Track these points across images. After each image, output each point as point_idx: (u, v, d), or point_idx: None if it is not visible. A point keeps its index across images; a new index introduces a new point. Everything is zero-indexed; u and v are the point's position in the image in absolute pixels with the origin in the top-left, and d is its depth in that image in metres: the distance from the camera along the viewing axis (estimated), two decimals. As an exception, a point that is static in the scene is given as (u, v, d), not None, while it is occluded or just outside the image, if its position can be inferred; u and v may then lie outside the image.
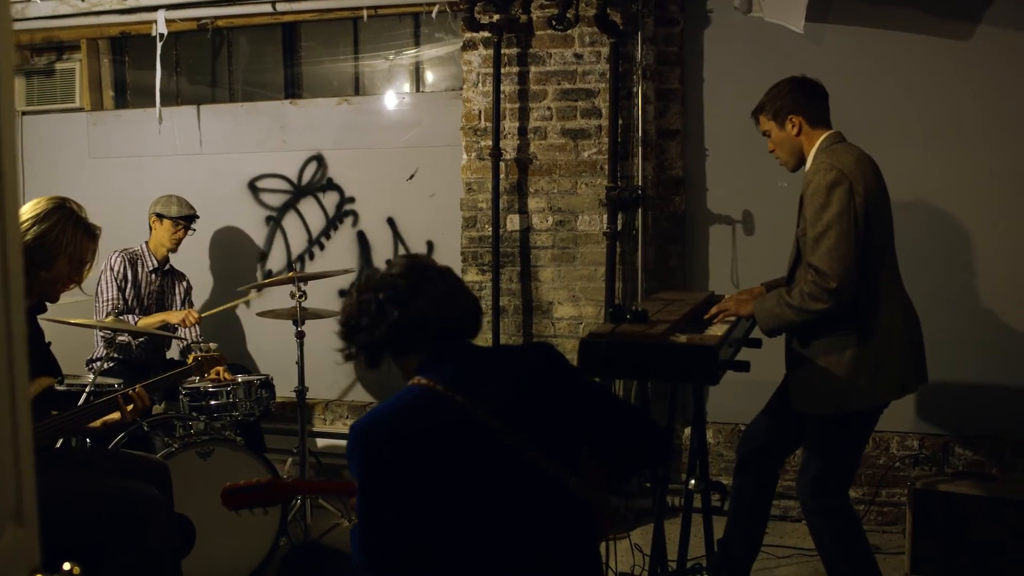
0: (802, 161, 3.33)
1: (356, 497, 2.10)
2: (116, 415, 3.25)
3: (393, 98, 5.42)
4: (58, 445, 3.63)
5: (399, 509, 2.06)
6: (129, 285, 4.83)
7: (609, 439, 2.39)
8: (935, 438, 4.51)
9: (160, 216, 4.93)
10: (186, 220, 4.97)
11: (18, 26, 5.69)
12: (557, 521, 2.19)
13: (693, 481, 3.47)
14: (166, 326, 4.76)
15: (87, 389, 3.77)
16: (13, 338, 1.27)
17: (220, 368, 4.42)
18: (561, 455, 2.20)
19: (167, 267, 5.02)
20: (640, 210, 4.70)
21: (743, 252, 4.75)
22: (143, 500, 3.06)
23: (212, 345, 4.06)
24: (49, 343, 3.23)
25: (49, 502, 2.84)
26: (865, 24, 4.49)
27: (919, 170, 4.45)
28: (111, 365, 4.70)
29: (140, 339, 4.79)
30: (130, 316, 4.76)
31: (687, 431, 4.60)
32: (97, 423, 3.25)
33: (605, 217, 4.69)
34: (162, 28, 5.36)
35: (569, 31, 4.68)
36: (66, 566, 1.36)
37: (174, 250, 4.99)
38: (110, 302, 4.74)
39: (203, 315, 4.89)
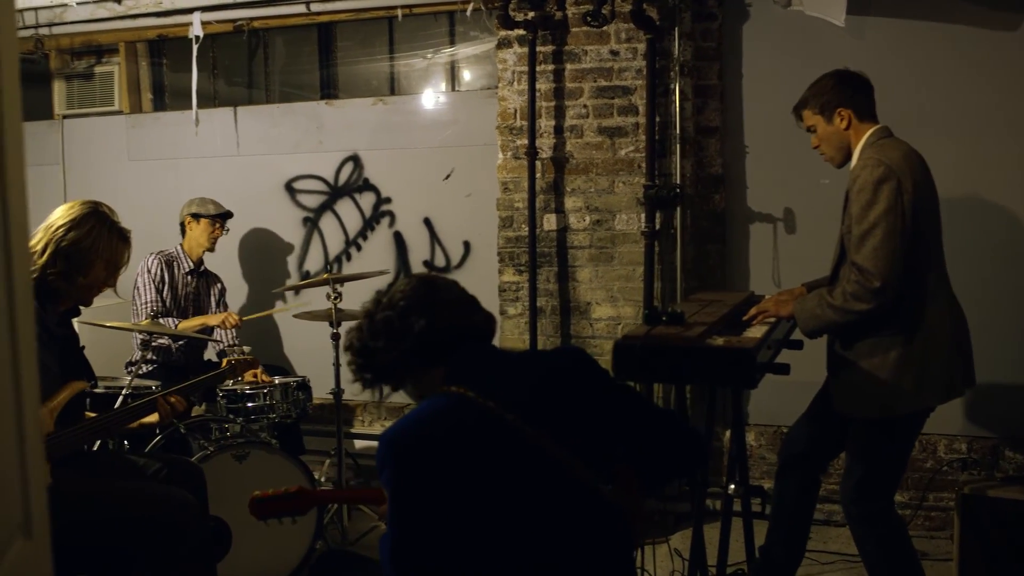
0: (848, 157, 3.24)
1: (387, 506, 2.07)
2: (152, 417, 3.26)
3: (429, 97, 5.39)
4: (95, 448, 3.65)
5: (431, 518, 2.02)
6: (166, 287, 4.85)
7: (642, 445, 2.33)
8: (984, 441, 4.40)
9: (196, 216, 4.95)
10: (223, 218, 5.00)
11: (57, 30, 5.73)
12: (590, 529, 2.14)
13: (733, 486, 3.40)
14: (205, 329, 4.77)
15: (124, 391, 3.77)
16: (19, 345, 1.24)
17: (256, 371, 4.44)
18: (594, 460, 2.16)
19: (202, 269, 5.03)
20: (679, 209, 4.62)
21: (784, 251, 4.66)
22: (177, 505, 3.05)
23: (246, 348, 4.06)
24: (83, 347, 3.24)
25: (82, 506, 2.86)
26: (908, 16, 4.38)
27: (966, 165, 4.34)
28: (150, 368, 4.72)
29: (179, 342, 4.80)
30: (169, 319, 4.78)
31: (728, 434, 4.51)
32: (133, 425, 3.26)
33: (643, 216, 4.62)
34: (198, 30, 5.37)
35: (605, 28, 4.61)
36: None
37: (211, 249, 5.00)
38: (148, 304, 4.76)
39: (245, 318, 4.90)
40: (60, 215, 3.04)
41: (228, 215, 5.03)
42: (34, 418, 1.33)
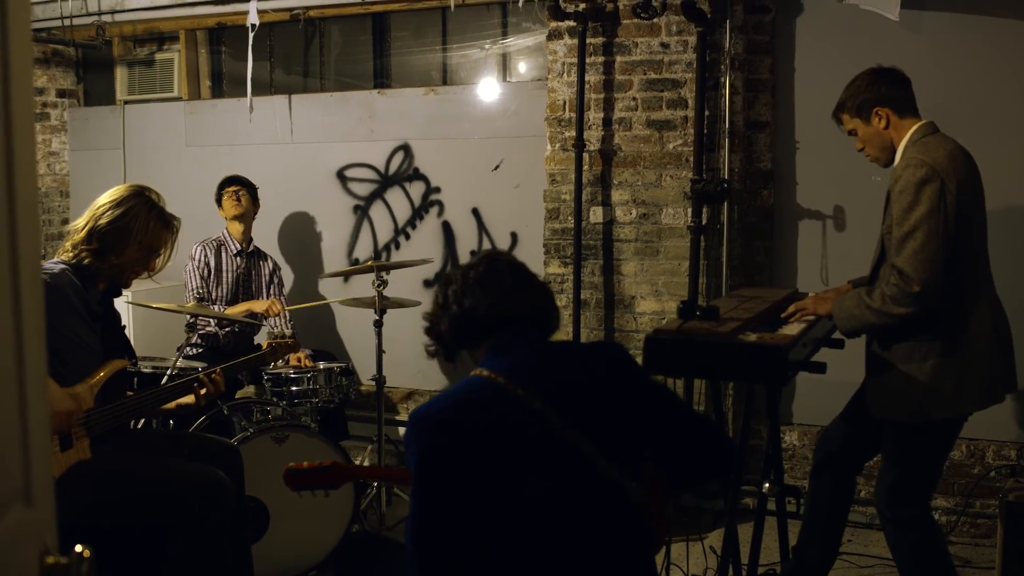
0: (893, 155, 3.16)
1: (412, 488, 2.10)
2: (189, 398, 3.32)
3: (480, 88, 5.40)
4: (139, 426, 3.73)
5: (452, 499, 2.04)
6: (212, 274, 4.93)
7: (672, 447, 2.32)
8: (1035, 448, 4.29)
9: (218, 199, 5.04)
10: (234, 183, 5.05)
11: (119, 17, 5.85)
12: (611, 524, 2.13)
13: (767, 484, 3.37)
14: (251, 315, 4.84)
15: (168, 372, 3.85)
16: (22, 315, 1.28)
17: (301, 355, 4.50)
18: (621, 457, 2.15)
19: (251, 249, 5.10)
20: (726, 204, 4.57)
21: (833, 249, 4.59)
22: (208, 483, 3.11)
23: (288, 331, 4.11)
24: (124, 326, 3.31)
25: (118, 482, 2.93)
26: (964, 10, 4.28)
27: (1022, 164, 4.22)
28: (197, 351, 4.80)
29: (226, 329, 4.88)
30: (214, 307, 4.86)
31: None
32: (171, 405, 3.32)
33: (690, 210, 4.58)
34: (254, 19, 5.44)
35: (655, 20, 4.58)
36: (78, 548, 1.36)
37: (242, 218, 5.04)
38: (194, 290, 4.85)
39: (289, 308, 4.96)
40: (105, 196, 3.11)
41: (237, 180, 5.07)
42: (39, 388, 1.37)
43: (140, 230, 3.05)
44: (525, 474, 2.07)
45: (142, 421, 3.75)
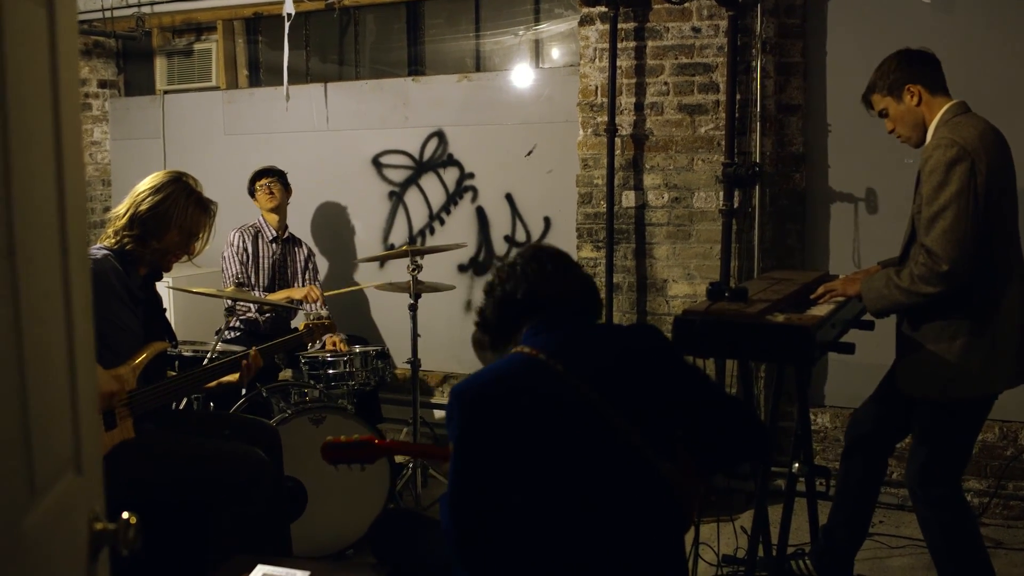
0: (925, 134, 3.16)
1: (450, 461, 2.15)
2: (232, 377, 3.41)
3: (513, 74, 5.44)
4: (182, 406, 3.83)
5: (490, 472, 2.10)
6: (249, 259, 5.02)
7: (706, 430, 2.36)
8: (1068, 430, 4.28)
9: (251, 192, 5.12)
10: (267, 174, 5.12)
11: (158, 8, 5.96)
12: (643, 502, 2.18)
13: (797, 464, 3.40)
14: (290, 301, 4.93)
15: (209, 355, 3.94)
16: (72, 291, 1.35)
17: (336, 339, 4.58)
18: (655, 437, 2.20)
19: (286, 235, 5.19)
20: (758, 187, 4.59)
21: (865, 231, 4.59)
22: (249, 463, 3.19)
23: (323, 312, 4.19)
24: (165, 310, 3.40)
25: (160, 460, 3.02)
26: (997, -9, 4.26)
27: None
28: (236, 335, 4.90)
29: (266, 315, 4.97)
30: (254, 292, 4.95)
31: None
32: (212, 384, 3.42)
33: (722, 194, 4.60)
34: (290, 8, 5.52)
35: (686, 4, 4.60)
36: (124, 515, 1.43)
37: (277, 210, 5.13)
38: (233, 276, 4.95)
39: (325, 294, 5.04)
40: (145, 182, 3.19)
41: (270, 171, 5.14)
42: (88, 363, 1.44)
43: (180, 215, 3.13)
44: (562, 449, 2.12)
45: (183, 402, 3.85)
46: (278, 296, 4.96)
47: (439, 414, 5.54)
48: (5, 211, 1.12)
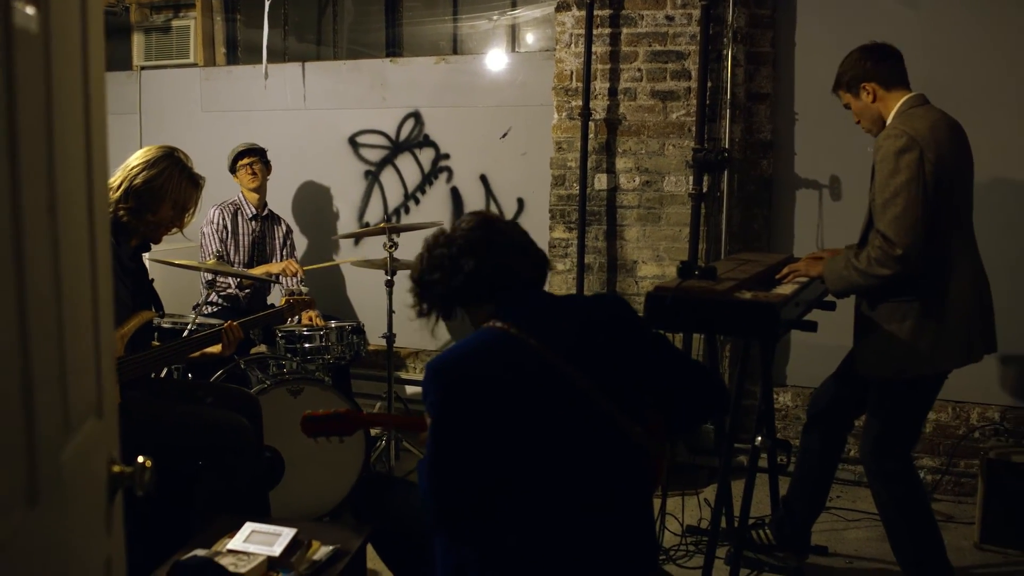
0: (884, 126, 3.32)
1: (428, 432, 2.25)
2: (215, 348, 3.50)
3: (489, 58, 5.54)
4: (163, 375, 3.91)
5: (468, 444, 2.17)
6: (229, 235, 5.09)
7: (671, 390, 2.46)
8: (1018, 411, 4.46)
9: (232, 170, 5.19)
10: (250, 154, 5.19)
11: (138, -16, 5.99)
12: (615, 464, 2.27)
13: (759, 439, 3.55)
14: (268, 275, 5.01)
15: (189, 327, 4.03)
16: (96, 250, 1.45)
17: (312, 313, 4.67)
18: (625, 403, 2.29)
19: (265, 212, 5.26)
20: (726, 172, 4.73)
21: (829, 217, 4.75)
22: (233, 429, 3.29)
23: (303, 289, 4.27)
24: (152, 280, 3.48)
25: (146, 427, 3.11)
26: (960, -13, 4.42)
27: (1017, 137, 4.37)
28: (215, 308, 4.98)
29: (246, 290, 5.05)
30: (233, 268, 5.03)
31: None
32: (196, 355, 3.51)
33: (691, 179, 4.74)
34: (271, -13, 5.58)
35: (661, -7, 4.72)
36: (139, 459, 1.54)
37: (259, 189, 5.20)
38: (213, 252, 5.02)
39: (304, 269, 5.12)
40: (137, 157, 3.27)
41: (254, 150, 5.21)
42: (107, 315, 1.54)
43: (174, 189, 3.22)
44: (537, 419, 2.20)
45: (164, 371, 3.93)
46: (257, 271, 5.03)
47: (411, 389, 5.64)
48: (47, 171, 1.22)
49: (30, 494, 1.13)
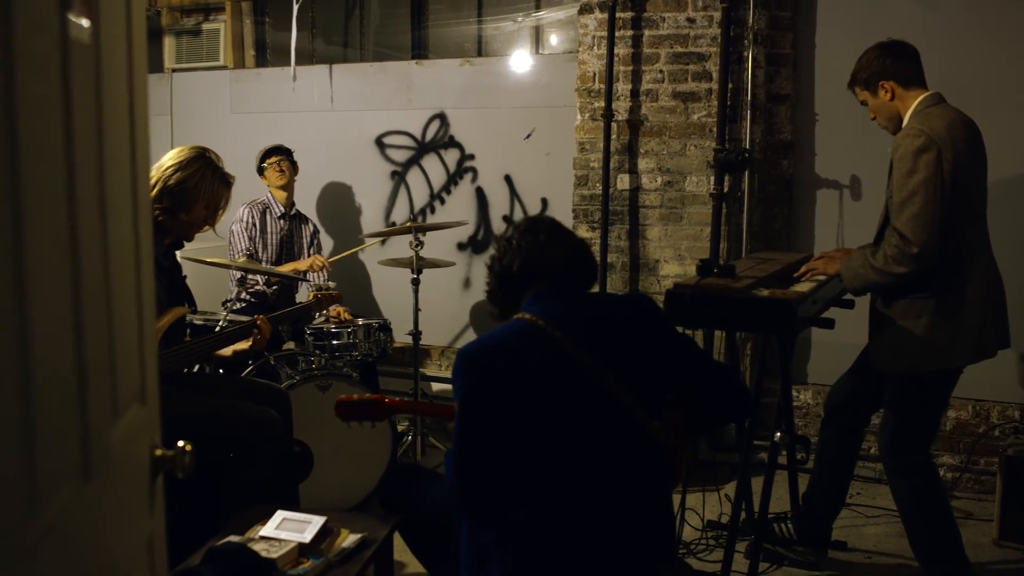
0: (901, 124, 3.36)
1: (454, 419, 2.34)
2: (245, 344, 3.60)
3: (513, 60, 5.62)
4: (194, 370, 4.01)
5: (491, 428, 2.26)
6: (258, 233, 5.20)
7: (694, 391, 2.53)
8: (1038, 409, 4.50)
9: (260, 170, 5.29)
10: (276, 152, 5.28)
11: (169, -12, 6.11)
12: (635, 459, 2.35)
13: (778, 434, 3.62)
14: (296, 272, 5.11)
15: (220, 324, 4.13)
16: (140, 245, 1.54)
17: (341, 309, 4.77)
18: (645, 398, 2.37)
19: (293, 212, 5.36)
20: (747, 173, 4.79)
21: (849, 216, 4.80)
22: (264, 423, 3.39)
23: (331, 284, 4.37)
24: (185, 276, 3.58)
25: (179, 420, 3.20)
26: (980, -12, 4.46)
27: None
28: (244, 305, 5.09)
29: (274, 287, 5.15)
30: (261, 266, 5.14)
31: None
32: (227, 351, 3.60)
33: (712, 179, 4.80)
34: (299, -9, 5.69)
35: (682, -5, 4.79)
36: (180, 443, 1.62)
37: (287, 187, 5.29)
38: (243, 250, 5.13)
39: (332, 259, 5.21)
40: (170, 157, 3.37)
41: (279, 149, 5.31)
42: (150, 304, 1.63)
43: (207, 189, 3.32)
44: (557, 409, 2.29)
45: (196, 367, 4.03)
46: (285, 268, 5.14)
47: (437, 386, 5.73)
48: (98, 172, 1.31)
49: (84, 470, 1.22)
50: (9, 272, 0.97)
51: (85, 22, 1.24)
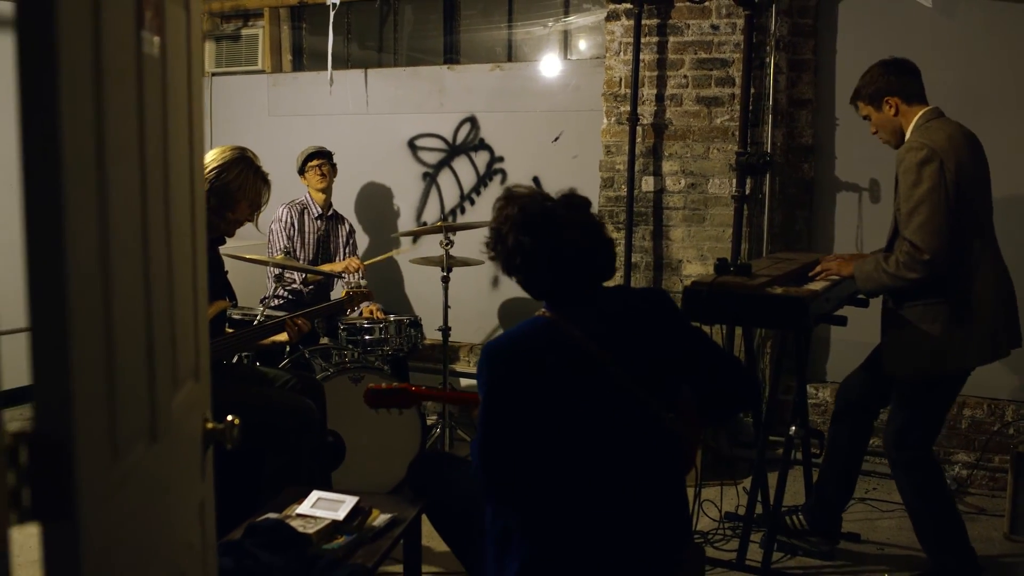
0: (903, 138, 3.50)
1: (479, 409, 2.48)
2: (283, 336, 3.78)
3: (542, 64, 5.77)
4: (234, 361, 4.20)
5: (513, 420, 2.39)
6: (296, 232, 5.38)
7: (706, 382, 2.66)
8: (1053, 408, 4.60)
9: (301, 171, 5.46)
10: (319, 156, 5.45)
11: (209, -5, 6.33)
12: (649, 449, 2.48)
13: (794, 428, 3.76)
14: (331, 271, 5.29)
15: (258, 318, 4.31)
16: (196, 235, 1.71)
17: (373, 307, 4.95)
18: (659, 390, 2.50)
19: (331, 212, 5.54)
20: (768, 176, 4.92)
21: (868, 219, 4.91)
22: (300, 410, 3.56)
23: (363, 282, 4.54)
24: (226, 271, 3.77)
25: (220, 409, 3.37)
26: (997, -2, 4.57)
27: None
28: (281, 302, 5.27)
29: (311, 286, 5.33)
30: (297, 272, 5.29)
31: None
32: (266, 342, 3.79)
33: (734, 181, 4.94)
34: (335, -2, 5.89)
35: (706, 3, 4.93)
36: (229, 417, 1.79)
37: (326, 190, 5.46)
38: (281, 248, 5.31)
39: (366, 263, 5.39)
40: (213, 158, 3.55)
41: (322, 153, 5.47)
42: (203, 289, 1.80)
43: (249, 188, 3.50)
44: (575, 402, 2.42)
45: (235, 358, 4.22)
46: (321, 269, 5.31)
47: (465, 381, 5.89)
48: (163, 169, 1.48)
49: (152, 433, 1.40)
50: (98, 258, 1.14)
51: (155, 38, 1.41)
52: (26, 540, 1.10)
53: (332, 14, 5.96)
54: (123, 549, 1.24)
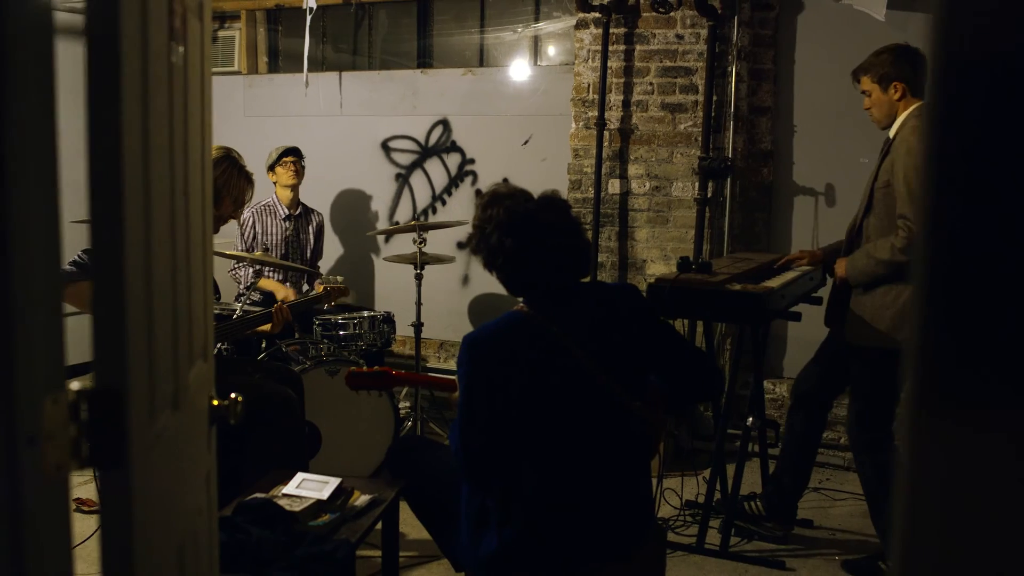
0: (892, 122, 3.64)
1: (458, 395, 2.63)
2: (267, 326, 3.93)
3: (513, 70, 5.96)
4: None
5: (490, 407, 2.54)
6: (259, 235, 5.44)
7: (672, 372, 2.81)
8: None
9: (271, 167, 5.51)
10: (292, 154, 5.51)
11: (189, -2, 6.43)
12: (618, 435, 2.65)
13: (751, 419, 3.96)
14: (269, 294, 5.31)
15: (236, 313, 4.45)
16: (206, 224, 1.87)
17: (346, 300, 5.09)
18: (628, 380, 2.66)
19: (298, 211, 5.60)
20: (729, 180, 5.14)
21: (824, 221, 5.15)
22: (283, 400, 3.71)
23: (339, 278, 4.69)
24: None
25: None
26: (945, 14, 4.79)
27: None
28: (260, 298, 5.39)
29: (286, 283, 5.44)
30: (249, 270, 5.36)
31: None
32: (249, 331, 3.94)
33: (697, 185, 5.15)
34: (311, 2, 6.02)
35: (672, 14, 5.14)
36: (232, 395, 1.95)
37: (296, 188, 5.49)
38: (259, 247, 5.43)
39: (288, 304, 5.41)
40: (198, 156, 3.69)
41: (292, 150, 5.53)
42: (210, 278, 1.96)
43: (234, 186, 3.65)
44: (549, 391, 2.57)
45: (215, 349, 4.35)
46: (268, 284, 5.33)
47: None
48: (184, 164, 1.65)
49: (175, 400, 1.56)
50: (143, 240, 1.31)
51: (180, 48, 1.57)
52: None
53: (308, 17, 6.10)
54: (157, 503, 1.40)
